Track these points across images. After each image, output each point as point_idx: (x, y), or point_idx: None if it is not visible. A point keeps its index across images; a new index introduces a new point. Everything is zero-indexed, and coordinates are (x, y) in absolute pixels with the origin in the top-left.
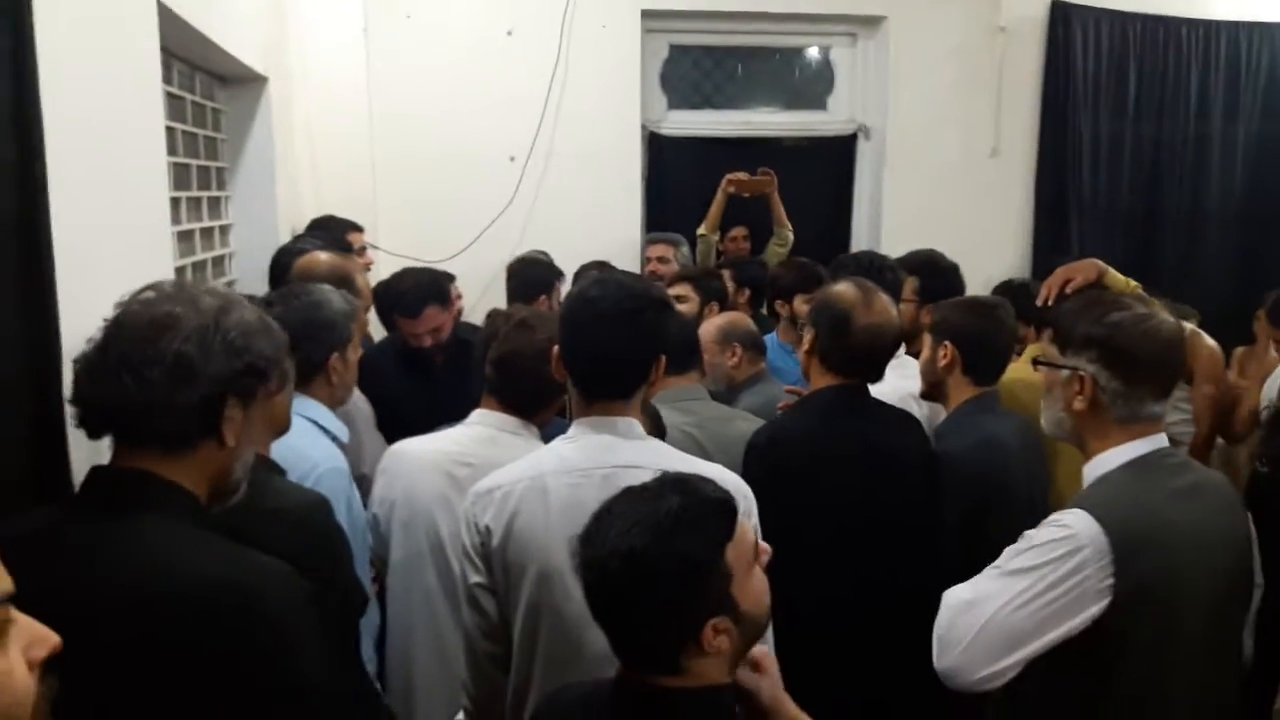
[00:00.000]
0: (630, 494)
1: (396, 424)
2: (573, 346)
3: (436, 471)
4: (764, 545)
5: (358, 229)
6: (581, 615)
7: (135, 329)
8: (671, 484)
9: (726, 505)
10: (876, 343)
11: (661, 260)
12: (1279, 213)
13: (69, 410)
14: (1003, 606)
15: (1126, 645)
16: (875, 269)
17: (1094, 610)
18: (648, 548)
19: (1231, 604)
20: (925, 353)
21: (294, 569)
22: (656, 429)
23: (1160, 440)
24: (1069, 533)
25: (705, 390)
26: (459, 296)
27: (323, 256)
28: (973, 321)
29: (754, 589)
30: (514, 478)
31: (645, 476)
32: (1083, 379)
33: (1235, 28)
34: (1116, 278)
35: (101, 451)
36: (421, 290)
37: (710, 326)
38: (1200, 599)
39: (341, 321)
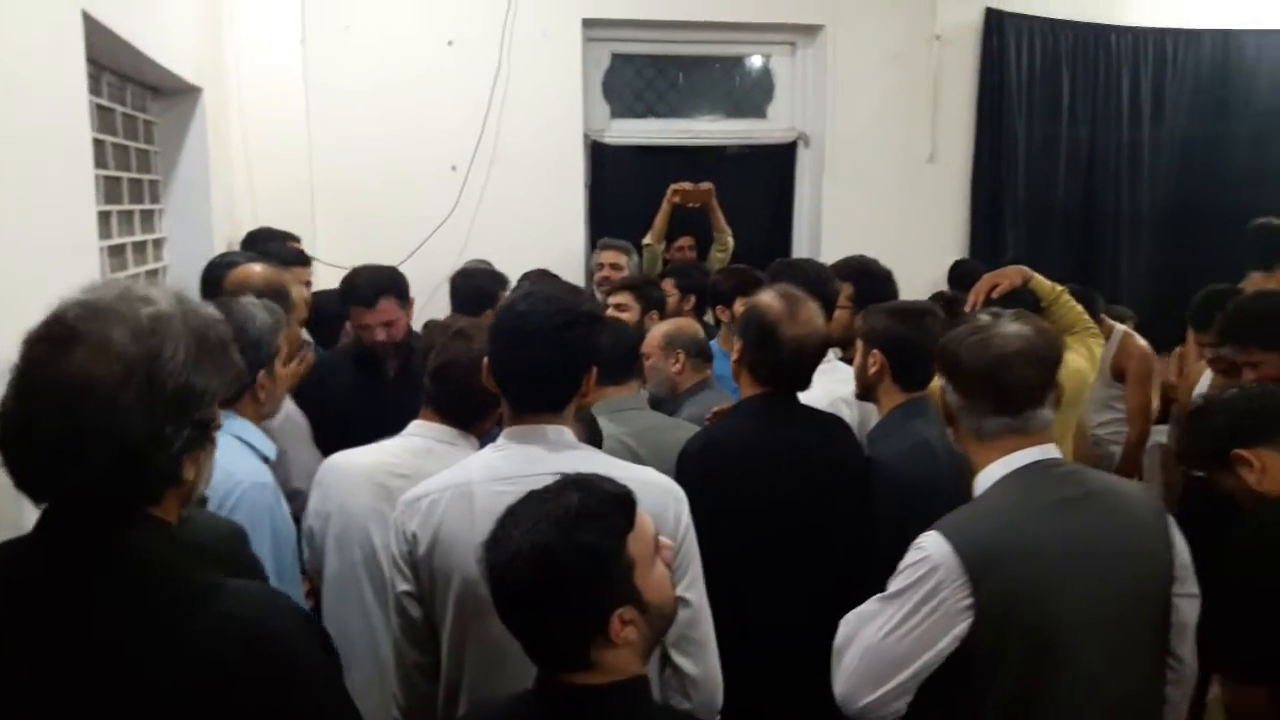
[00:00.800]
0: (532, 496)
1: (348, 433)
2: (501, 361)
3: (370, 484)
4: (664, 540)
5: (294, 239)
6: None
7: (49, 398)
8: (571, 483)
9: (626, 499)
10: (803, 352)
11: (614, 267)
12: (1207, 214)
13: None
14: (876, 632)
15: (996, 667)
16: (816, 279)
17: (958, 631)
18: (551, 543)
19: (1136, 619)
20: (857, 359)
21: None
22: (593, 437)
23: (1043, 452)
24: (923, 555)
25: (644, 399)
26: (412, 301)
27: (256, 269)
28: (899, 329)
29: (657, 579)
30: (441, 486)
31: None
32: (946, 401)
33: (1162, 35)
34: (1042, 282)
35: None
36: (378, 281)
37: (656, 332)
38: (1085, 616)
39: (267, 338)
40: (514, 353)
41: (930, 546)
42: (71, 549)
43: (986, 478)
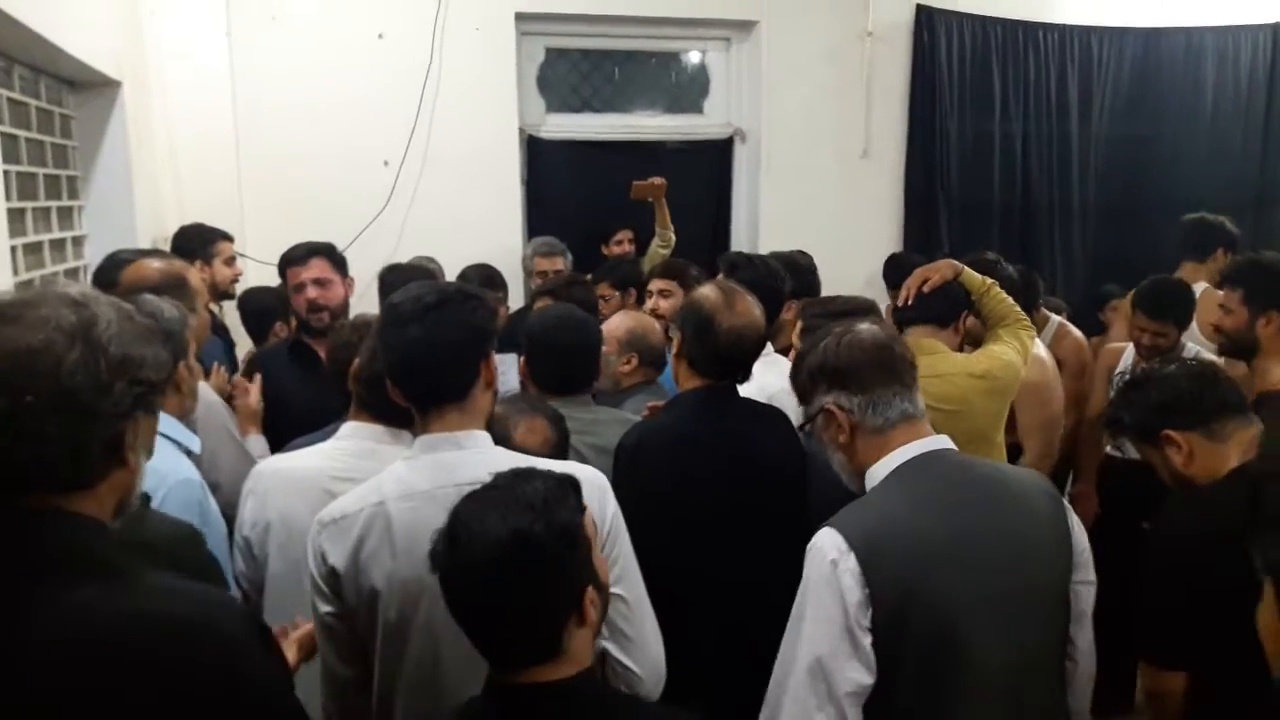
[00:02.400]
0: (479, 494)
1: (287, 425)
2: (390, 359)
3: (314, 490)
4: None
5: (227, 238)
6: (438, 633)
7: None
8: (517, 474)
9: (574, 482)
10: (741, 344)
11: (557, 273)
12: (1136, 207)
13: None
14: (804, 651)
15: (897, 671)
16: (767, 274)
17: (866, 622)
18: (531, 525)
19: (1030, 608)
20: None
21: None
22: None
23: (932, 443)
24: (819, 552)
25: (588, 397)
26: (351, 281)
27: (153, 264)
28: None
29: (600, 559)
30: (357, 506)
31: None
32: (831, 413)
33: (1087, 32)
34: (972, 276)
35: None
36: (312, 245)
37: (620, 328)
38: (975, 605)
39: (179, 330)
40: (397, 343)
41: (822, 541)
42: (6, 535)
43: (872, 478)
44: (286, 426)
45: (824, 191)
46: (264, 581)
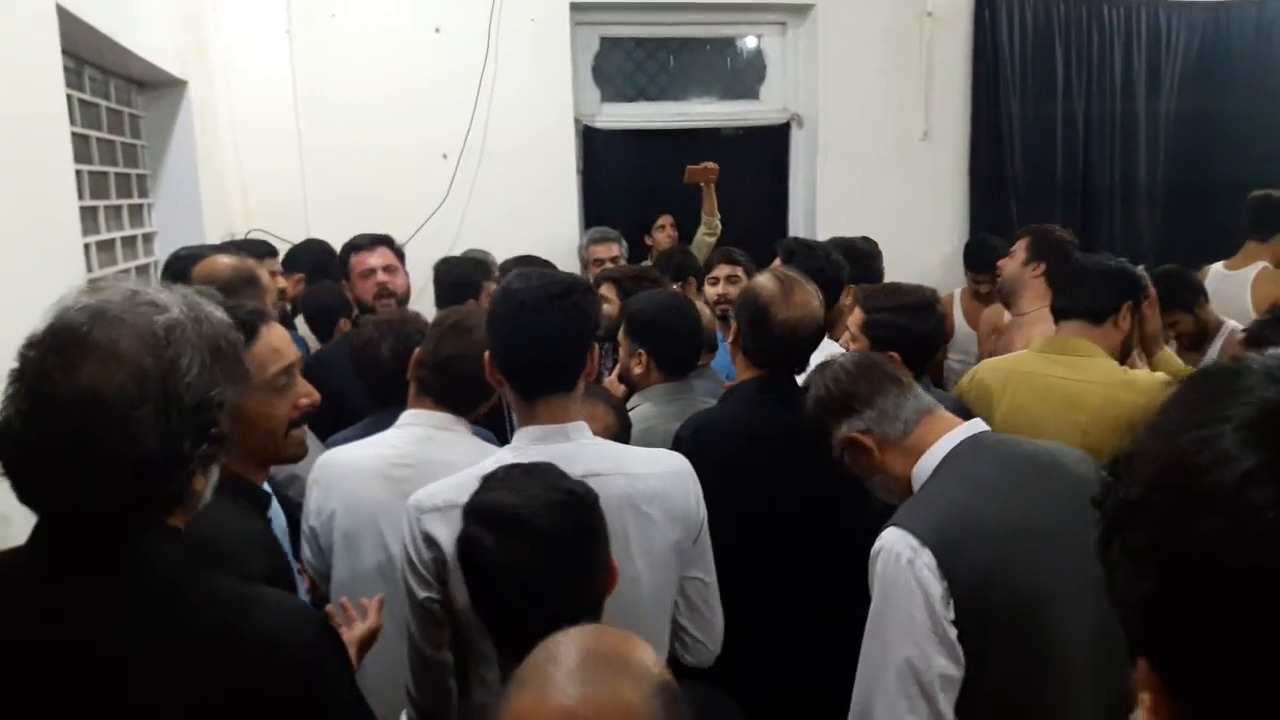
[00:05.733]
0: (497, 484)
1: (348, 423)
2: (504, 343)
3: (375, 478)
4: None
5: (273, 254)
6: None
7: (59, 415)
8: (513, 465)
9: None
10: (797, 334)
11: (614, 260)
12: (1202, 185)
13: None
14: (892, 654)
15: (984, 657)
16: (826, 260)
17: (951, 614)
18: (570, 483)
19: (1098, 583)
20: (853, 345)
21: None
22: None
23: (969, 429)
24: (891, 554)
25: (691, 384)
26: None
27: (223, 260)
28: (905, 323)
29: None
30: (460, 495)
31: (612, 485)
32: (855, 440)
33: (1155, 6)
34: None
35: None
36: (375, 235)
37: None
38: (1052, 585)
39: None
40: (516, 330)
41: (890, 541)
42: (74, 559)
43: (918, 477)
44: (350, 423)
45: (883, 176)
46: (330, 569)
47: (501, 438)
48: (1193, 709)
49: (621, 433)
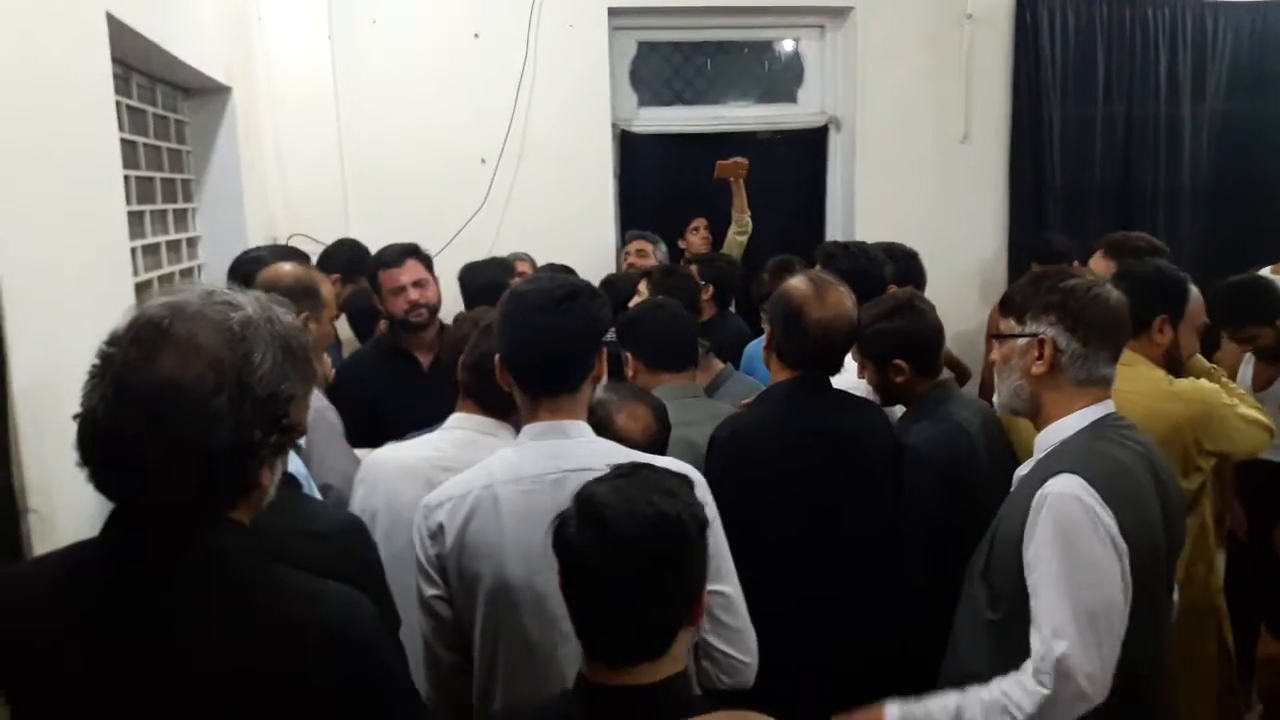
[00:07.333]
0: (606, 478)
1: (384, 428)
2: (511, 343)
3: (417, 479)
4: None
5: (305, 260)
6: (540, 621)
7: (140, 405)
8: (639, 464)
9: (688, 475)
10: (830, 336)
11: (640, 254)
12: (1247, 190)
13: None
14: (1086, 597)
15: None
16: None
17: (1127, 562)
18: (675, 509)
19: (1169, 567)
20: (871, 374)
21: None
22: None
23: (1111, 405)
24: (1069, 498)
25: (700, 388)
26: (437, 282)
27: (286, 267)
28: (900, 325)
29: None
30: (464, 489)
31: None
32: (1042, 342)
33: (1200, 7)
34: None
35: (52, 468)
36: (401, 247)
37: None
38: (1169, 550)
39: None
40: (522, 330)
41: (1068, 487)
42: (146, 551)
43: (1061, 429)
44: (379, 430)
45: (922, 179)
46: None
47: None
48: None
49: (661, 434)
